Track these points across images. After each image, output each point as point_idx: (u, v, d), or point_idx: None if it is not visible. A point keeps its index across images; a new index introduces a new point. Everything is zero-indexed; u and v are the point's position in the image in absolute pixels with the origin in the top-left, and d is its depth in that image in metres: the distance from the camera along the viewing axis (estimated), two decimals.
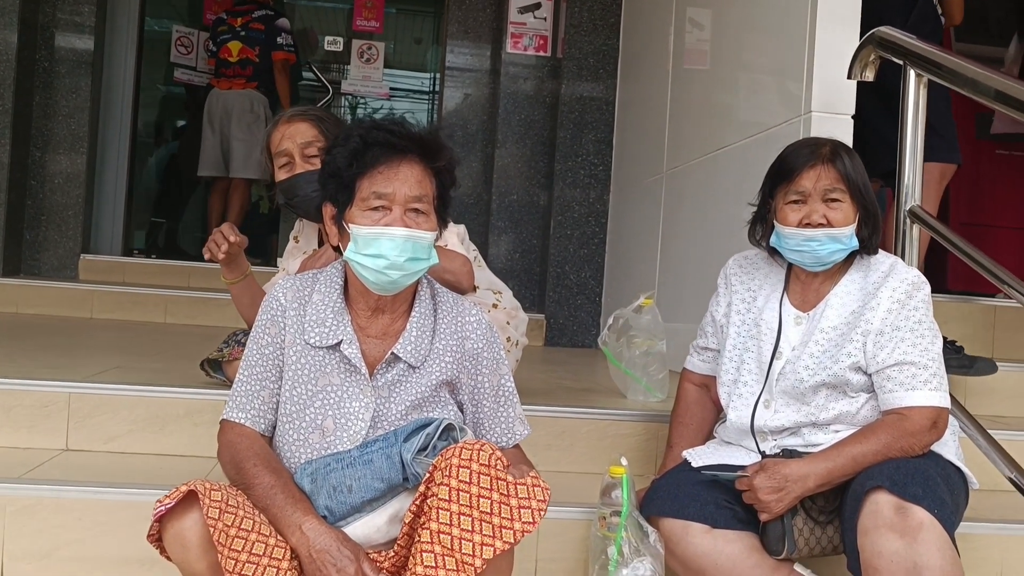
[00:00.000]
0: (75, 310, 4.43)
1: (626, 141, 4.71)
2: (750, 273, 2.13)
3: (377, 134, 1.68)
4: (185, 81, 5.89)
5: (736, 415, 2.02)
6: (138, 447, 2.28)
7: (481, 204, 5.09)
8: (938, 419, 1.84)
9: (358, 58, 5.88)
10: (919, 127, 2.35)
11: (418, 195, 1.67)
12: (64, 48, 4.93)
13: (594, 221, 4.86)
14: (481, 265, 2.61)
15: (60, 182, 4.92)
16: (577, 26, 4.85)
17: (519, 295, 4.87)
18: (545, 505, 1.50)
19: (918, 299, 1.91)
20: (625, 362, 2.65)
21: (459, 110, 5.17)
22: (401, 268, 1.65)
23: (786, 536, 1.84)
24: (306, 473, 1.61)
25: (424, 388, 1.70)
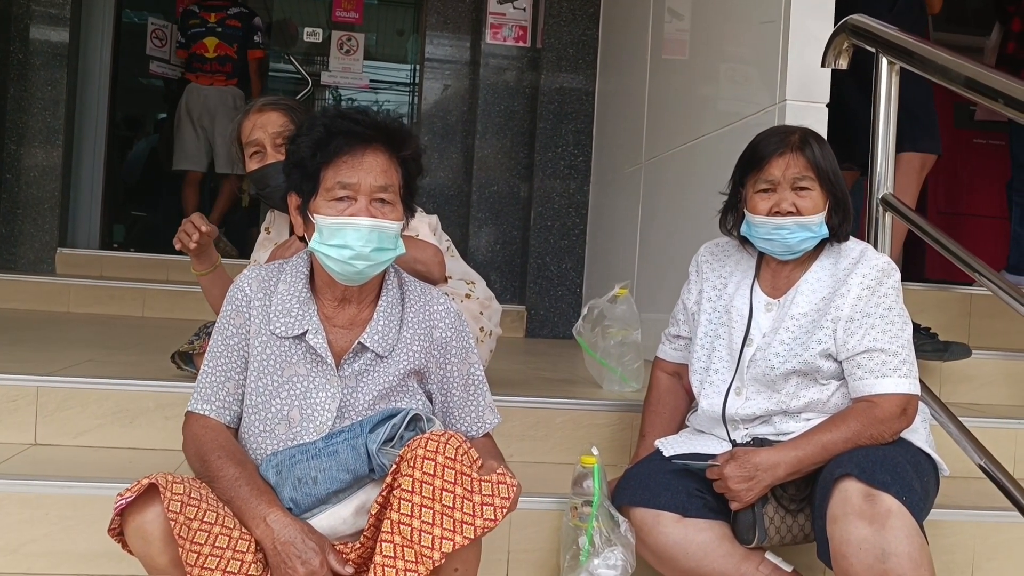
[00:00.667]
0: (52, 304, 4.39)
1: (606, 131, 4.69)
2: (721, 260, 2.13)
3: (341, 123, 1.66)
4: (160, 74, 5.84)
5: (708, 403, 2.01)
6: (108, 441, 2.26)
7: (461, 196, 5.07)
8: (908, 406, 1.84)
9: (338, 50, 5.85)
10: (891, 115, 2.35)
11: (383, 184, 1.66)
12: (39, 40, 4.88)
13: (574, 212, 4.85)
14: (454, 255, 2.60)
15: (36, 175, 4.87)
16: (556, 16, 4.83)
17: (500, 286, 4.91)
18: (509, 502, 1.48)
19: (888, 286, 1.91)
20: (600, 352, 2.65)
21: (439, 101, 5.14)
22: (367, 258, 1.64)
23: (757, 525, 1.84)
24: (271, 465, 1.59)
25: (391, 378, 1.69)
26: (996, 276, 2.06)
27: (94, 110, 5.23)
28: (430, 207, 5.03)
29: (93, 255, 4.97)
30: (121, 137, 6.56)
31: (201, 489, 1.53)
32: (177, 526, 1.43)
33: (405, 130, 1.72)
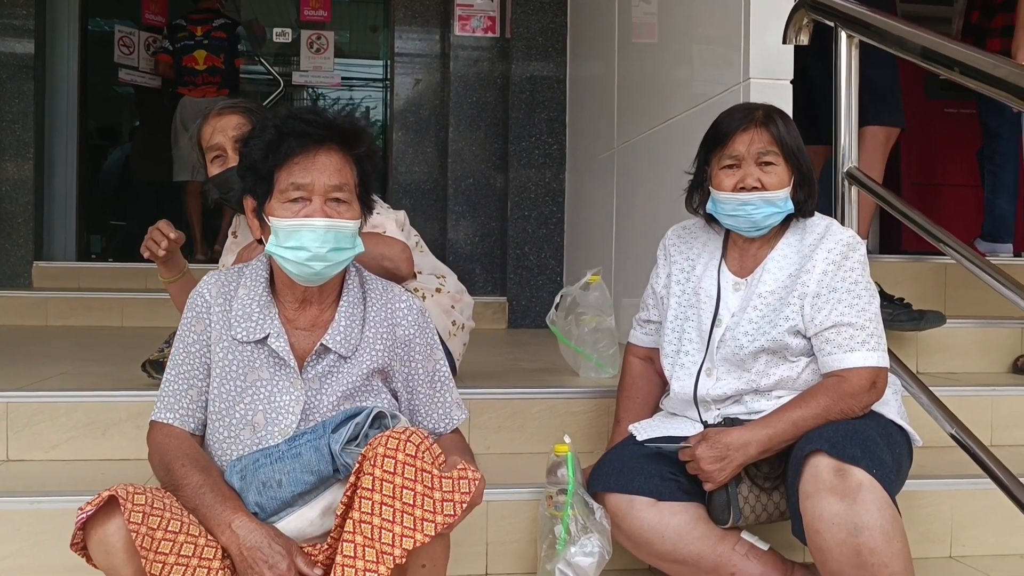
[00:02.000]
0: (28, 318, 4.36)
1: (578, 119, 4.68)
2: (688, 242, 2.12)
3: (293, 123, 1.64)
4: (129, 81, 5.80)
5: (679, 385, 2.01)
6: (80, 454, 2.25)
7: (438, 190, 5.05)
8: (877, 379, 1.84)
9: (308, 49, 5.82)
10: (852, 89, 2.34)
11: (338, 184, 1.64)
12: (3, 52, 4.84)
13: (551, 201, 4.84)
14: (423, 250, 2.59)
15: (8, 190, 4.84)
16: (524, 4, 4.81)
17: (481, 279, 4.90)
18: (470, 497, 1.47)
19: (854, 260, 1.90)
20: (575, 340, 2.64)
21: (411, 96, 5.12)
22: (324, 259, 1.62)
23: (731, 505, 1.84)
24: (236, 470, 1.58)
25: (355, 378, 1.68)
26: (961, 246, 2.05)
27: (64, 121, 5.19)
28: (407, 202, 5.04)
29: (70, 267, 4.94)
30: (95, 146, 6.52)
31: (165, 499, 1.52)
32: (139, 537, 1.42)
33: (358, 128, 1.70)
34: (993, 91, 1.78)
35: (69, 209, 5.19)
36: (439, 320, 2.48)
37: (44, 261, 4.93)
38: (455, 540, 1.99)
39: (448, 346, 2.51)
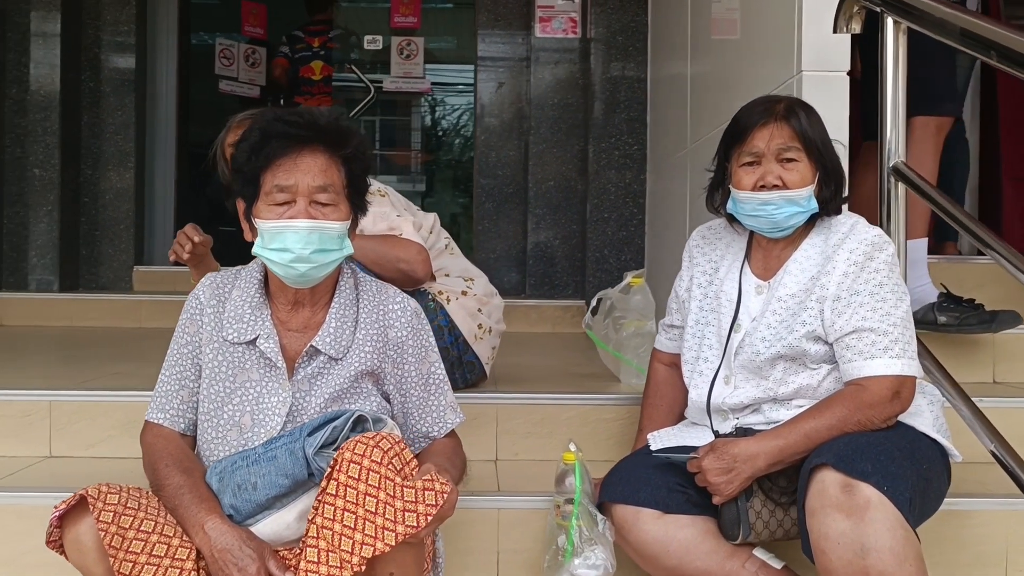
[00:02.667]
0: (125, 320, 4.55)
1: (658, 118, 4.58)
2: (712, 244, 2.03)
3: (276, 125, 1.64)
4: (228, 91, 5.99)
5: (696, 393, 1.92)
6: (119, 451, 2.31)
7: (519, 193, 5.02)
8: (901, 388, 1.71)
9: (398, 55, 5.89)
10: (900, 79, 2.19)
11: (322, 185, 1.63)
12: (108, 67, 5.06)
13: (631, 203, 4.74)
14: (454, 253, 2.57)
15: (111, 198, 5.06)
16: (604, 4, 4.74)
17: (561, 282, 4.85)
18: (436, 508, 1.43)
19: (880, 260, 1.78)
20: (613, 344, 2.56)
21: (494, 100, 5.11)
22: (308, 260, 1.61)
23: (741, 519, 1.74)
24: (215, 472, 1.59)
25: (343, 380, 1.67)
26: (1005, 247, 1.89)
27: (164, 131, 5.40)
28: (489, 206, 5.03)
29: (167, 271, 5.12)
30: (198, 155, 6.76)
31: (142, 499, 1.54)
32: (108, 536, 1.44)
33: (344, 128, 1.69)
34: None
35: (168, 216, 5.39)
36: (465, 323, 2.45)
37: (143, 266, 5.14)
38: (465, 547, 1.98)
39: (475, 349, 2.48)
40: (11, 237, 4.81)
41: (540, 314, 4.53)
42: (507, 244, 5.02)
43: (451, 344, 2.43)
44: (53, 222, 4.81)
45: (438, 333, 2.37)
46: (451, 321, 2.42)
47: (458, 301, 2.43)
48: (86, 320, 4.53)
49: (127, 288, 5.05)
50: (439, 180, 8.36)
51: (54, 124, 4.80)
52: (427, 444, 1.78)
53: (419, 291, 2.39)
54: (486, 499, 2.03)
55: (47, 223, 4.81)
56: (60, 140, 4.81)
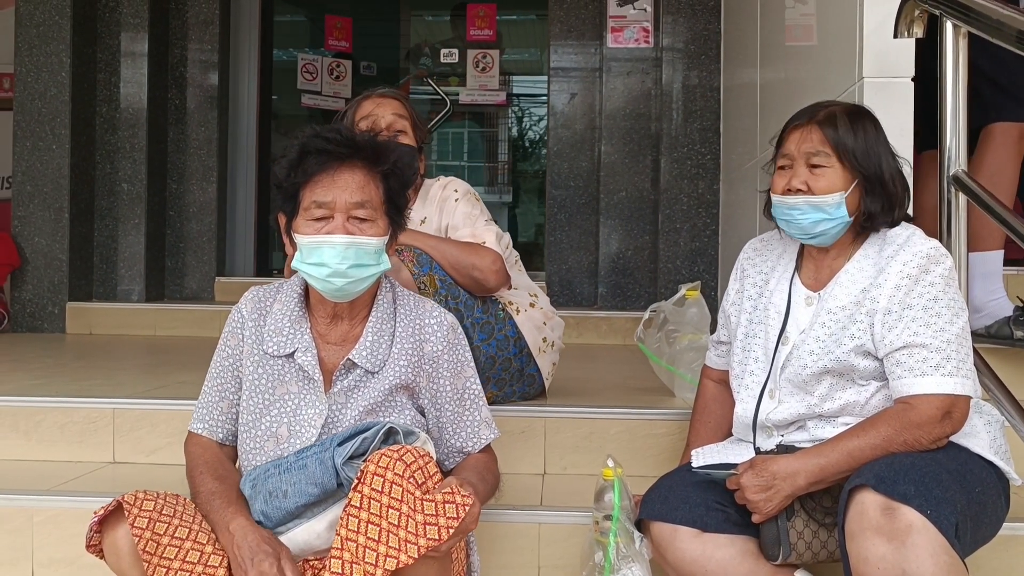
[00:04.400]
0: (206, 330, 4.66)
1: (731, 128, 4.51)
2: (763, 255, 1.99)
3: (315, 141, 1.67)
4: (312, 106, 6.13)
5: (742, 408, 1.88)
6: (176, 458, 2.34)
7: (591, 204, 5.00)
8: (952, 408, 1.63)
9: (474, 68, 5.94)
10: (960, 85, 2.11)
11: (359, 201, 1.65)
12: (193, 84, 5.23)
13: (704, 212, 4.68)
14: (520, 270, 2.58)
15: (195, 211, 5.22)
16: (676, 13, 4.71)
17: (633, 294, 4.80)
18: (457, 522, 1.43)
19: (935, 274, 1.70)
20: (666, 358, 2.52)
21: (567, 111, 5.11)
22: (344, 275, 1.64)
23: (781, 539, 1.69)
24: (248, 479, 1.63)
25: (378, 393, 1.68)
26: None
27: (245, 146, 5.56)
28: (562, 217, 5.02)
29: (247, 282, 5.25)
30: None
31: (178, 506, 1.57)
32: (142, 542, 1.48)
33: (382, 145, 1.71)
34: None
35: (248, 228, 5.54)
36: (531, 335, 2.46)
37: (225, 277, 5.29)
38: (505, 561, 1.97)
39: (537, 362, 2.48)
40: (101, 249, 5.00)
41: (611, 325, 4.50)
42: (579, 255, 5.00)
43: (515, 355, 2.44)
44: (140, 235, 4.99)
45: (504, 343, 2.39)
46: (518, 332, 2.43)
47: (526, 313, 2.44)
48: (169, 329, 4.69)
49: (209, 298, 5.20)
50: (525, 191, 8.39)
51: (141, 140, 4.99)
52: (461, 459, 1.79)
53: (491, 299, 2.41)
54: (528, 513, 2.02)
55: (135, 236, 5.00)
56: (147, 156, 5.00)
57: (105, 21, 4.98)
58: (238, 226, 5.51)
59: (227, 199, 5.39)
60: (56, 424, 2.41)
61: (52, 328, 4.71)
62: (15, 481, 2.22)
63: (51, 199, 4.71)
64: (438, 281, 2.26)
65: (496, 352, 2.37)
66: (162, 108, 5.17)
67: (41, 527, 2.06)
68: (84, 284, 4.89)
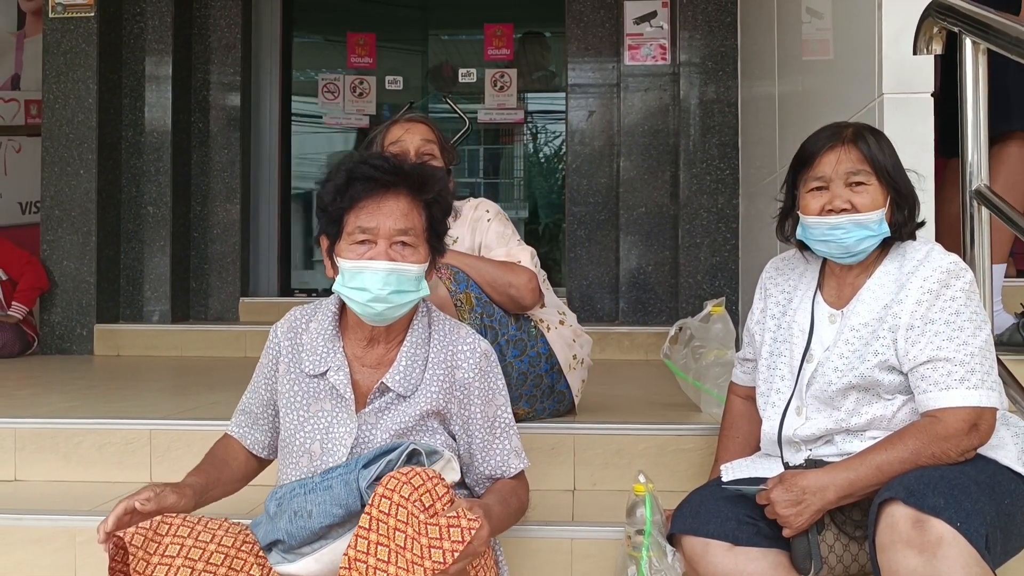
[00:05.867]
0: (231, 350, 4.73)
1: (749, 143, 4.54)
2: (785, 274, 2.02)
3: (362, 168, 1.71)
4: (333, 124, 6.19)
5: (768, 425, 1.91)
6: None
7: (611, 220, 5.03)
8: (979, 421, 1.66)
9: (492, 87, 5.99)
10: (980, 101, 2.14)
11: (403, 228, 1.69)
12: (216, 107, 5.32)
13: (724, 227, 4.71)
14: (548, 288, 2.62)
15: (218, 232, 5.30)
16: (693, 29, 4.75)
17: (655, 309, 4.83)
18: (463, 545, 1.45)
19: (956, 288, 1.73)
20: (692, 374, 2.55)
21: (585, 128, 5.15)
22: (385, 301, 1.68)
23: (812, 553, 1.72)
24: (274, 497, 1.66)
25: (409, 417, 1.72)
26: None
27: (267, 167, 5.63)
28: (581, 233, 5.05)
29: (271, 302, 5.32)
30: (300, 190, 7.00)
31: (188, 540, 1.61)
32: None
33: (427, 173, 1.75)
34: None
35: (272, 248, 5.60)
36: (562, 352, 2.50)
37: (249, 297, 5.35)
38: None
39: (568, 379, 2.52)
40: (128, 272, 5.08)
41: (632, 341, 4.53)
42: (600, 271, 5.04)
43: (546, 372, 2.47)
44: (165, 257, 5.07)
45: (535, 360, 2.43)
46: (550, 349, 2.47)
47: (557, 330, 2.48)
48: (195, 350, 4.75)
49: (234, 319, 5.27)
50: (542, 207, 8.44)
51: (166, 164, 5.07)
52: (489, 485, 1.82)
53: (524, 317, 2.45)
54: (560, 528, 2.06)
55: (160, 258, 5.07)
56: (172, 178, 5.08)
57: (130, 47, 5.07)
58: (261, 247, 5.57)
59: (250, 220, 5.46)
60: (95, 445, 2.46)
61: (80, 350, 4.78)
62: (57, 502, 2.27)
63: (79, 223, 4.79)
64: (474, 299, 2.31)
65: (528, 368, 2.40)
66: (186, 131, 5.25)
67: (83, 547, 2.10)
68: (111, 306, 4.96)
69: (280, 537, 1.60)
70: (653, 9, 4.92)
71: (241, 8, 5.32)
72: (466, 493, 1.84)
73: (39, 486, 2.43)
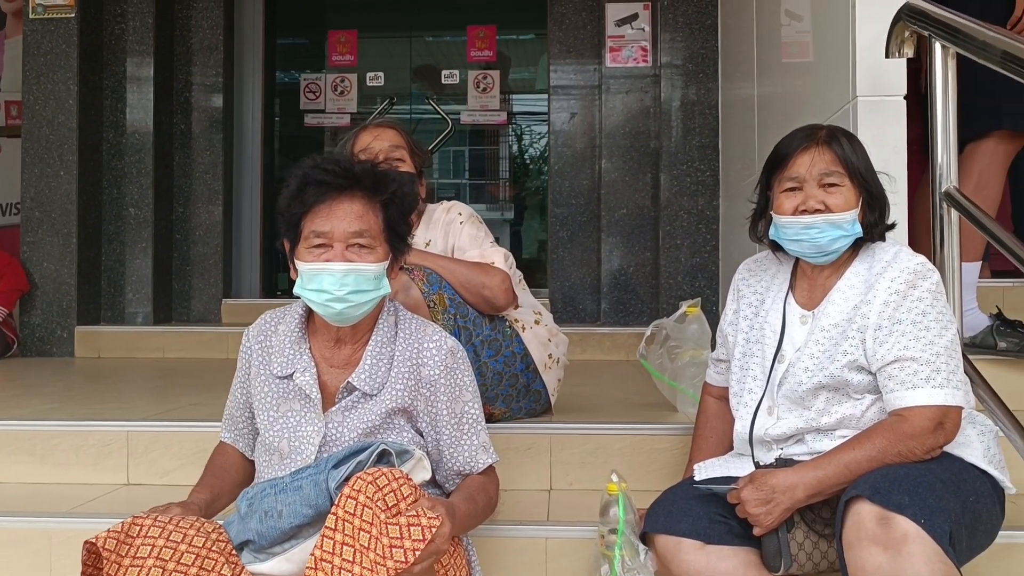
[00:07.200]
0: (213, 352, 4.72)
1: (729, 144, 4.57)
2: (758, 276, 2.04)
3: (315, 172, 1.73)
4: (315, 125, 6.19)
5: (740, 424, 1.93)
6: (191, 479, 2.37)
7: (593, 222, 5.05)
8: (945, 419, 1.68)
9: (475, 88, 6.01)
10: (950, 104, 2.16)
11: (358, 230, 1.71)
12: (198, 109, 5.31)
13: (704, 229, 4.74)
14: (524, 289, 2.63)
15: (201, 234, 5.28)
16: (674, 31, 4.77)
17: (636, 310, 4.86)
18: (423, 544, 1.47)
19: (923, 289, 1.76)
20: (668, 374, 2.57)
21: (567, 130, 5.17)
22: (344, 300, 1.69)
23: (782, 551, 1.73)
24: (245, 497, 1.67)
25: (375, 416, 1.74)
26: None
27: (249, 169, 5.63)
28: (564, 235, 5.07)
29: (253, 304, 5.31)
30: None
31: (138, 538, 1.59)
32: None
33: (381, 175, 1.76)
34: None
35: (254, 250, 5.60)
36: (537, 351, 2.51)
37: (232, 299, 5.34)
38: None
39: (544, 378, 2.53)
40: (109, 273, 5.06)
41: (614, 341, 4.55)
42: (582, 272, 5.05)
43: (521, 371, 2.49)
44: (147, 258, 5.05)
45: (510, 360, 2.44)
46: (525, 348, 2.49)
47: (532, 330, 2.50)
48: (177, 352, 4.73)
49: (216, 320, 5.26)
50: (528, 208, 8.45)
51: (147, 165, 5.05)
52: (460, 481, 1.83)
53: (499, 317, 2.47)
54: (535, 528, 2.07)
55: (142, 259, 5.06)
56: (153, 180, 5.06)
57: (111, 48, 5.06)
58: (244, 248, 5.57)
59: (233, 222, 5.46)
60: (71, 447, 2.46)
61: (61, 352, 4.76)
62: (33, 504, 2.27)
63: (59, 224, 4.77)
64: (447, 300, 2.32)
65: (503, 368, 2.42)
66: (167, 133, 5.24)
67: (59, 548, 2.10)
68: (92, 308, 4.94)
69: (251, 537, 1.61)
70: (634, 11, 4.95)
71: (223, 10, 5.31)
72: (439, 492, 1.85)
73: (15, 488, 2.43)
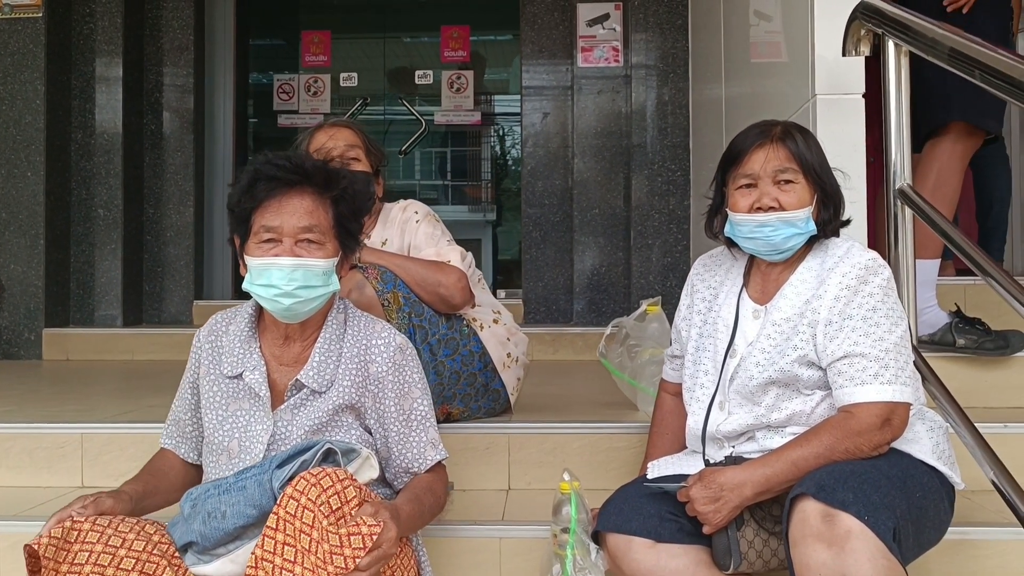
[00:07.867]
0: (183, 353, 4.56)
1: (700, 144, 4.57)
2: (712, 271, 2.03)
3: (266, 168, 1.72)
4: (288, 126, 6.16)
5: (693, 420, 1.92)
6: None
7: (566, 222, 5.05)
8: (892, 416, 1.68)
9: (448, 89, 5.99)
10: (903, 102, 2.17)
11: (307, 225, 1.70)
12: (169, 109, 5.27)
13: (676, 228, 4.74)
14: (484, 288, 2.63)
15: (172, 235, 5.25)
16: (644, 31, 4.78)
17: (608, 309, 4.85)
18: (364, 552, 1.46)
19: (874, 285, 1.76)
20: (628, 372, 2.56)
21: (540, 130, 5.17)
22: (292, 295, 1.68)
23: (732, 549, 1.73)
24: (190, 498, 1.65)
25: (323, 413, 1.72)
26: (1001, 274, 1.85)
27: (221, 170, 5.59)
28: (537, 235, 5.06)
29: (225, 305, 5.25)
30: None
31: (75, 544, 1.57)
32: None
33: (331, 171, 1.76)
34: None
35: (225, 252, 5.56)
36: (495, 350, 2.50)
37: (203, 300, 5.31)
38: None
39: (502, 377, 2.52)
40: (78, 275, 5.02)
41: (586, 341, 4.53)
42: (555, 272, 5.05)
43: (480, 370, 2.48)
44: (117, 260, 5.01)
45: (469, 359, 2.43)
46: (483, 347, 2.48)
47: (490, 329, 2.49)
48: (147, 354, 4.70)
49: (188, 322, 5.22)
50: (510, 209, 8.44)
51: (117, 166, 5.01)
52: (409, 479, 1.82)
53: (456, 316, 2.45)
54: (489, 528, 2.06)
55: (111, 261, 5.01)
56: (123, 181, 5.02)
57: (79, 48, 5.02)
58: (215, 250, 5.53)
59: (204, 223, 5.42)
60: (25, 450, 2.43)
61: (28, 355, 4.71)
62: None
63: (26, 226, 4.72)
64: (402, 298, 2.30)
65: (461, 367, 2.41)
66: (138, 134, 5.20)
67: (8, 552, 2.07)
68: (61, 310, 4.90)
69: (194, 539, 1.59)
70: (606, 11, 4.95)
71: (194, 9, 5.28)
72: (388, 491, 1.83)
73: None
